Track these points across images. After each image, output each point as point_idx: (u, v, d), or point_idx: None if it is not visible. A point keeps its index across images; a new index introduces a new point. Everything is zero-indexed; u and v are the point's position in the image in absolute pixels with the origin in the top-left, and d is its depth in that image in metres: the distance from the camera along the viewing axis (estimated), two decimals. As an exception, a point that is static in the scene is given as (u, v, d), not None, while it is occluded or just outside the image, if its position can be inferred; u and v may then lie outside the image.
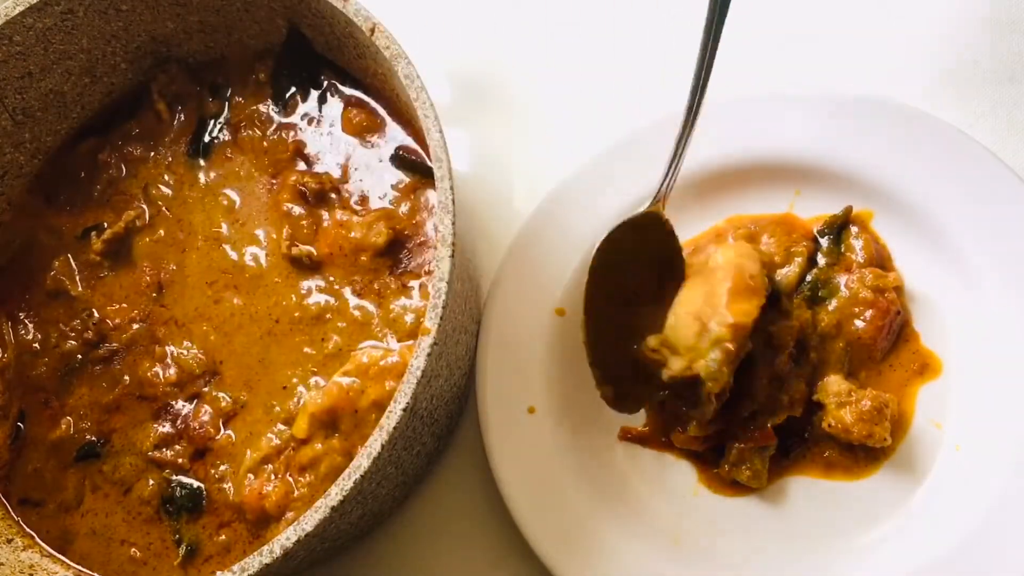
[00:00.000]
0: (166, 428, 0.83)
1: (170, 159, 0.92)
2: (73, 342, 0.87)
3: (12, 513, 0.84)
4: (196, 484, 0.82)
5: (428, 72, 0.79)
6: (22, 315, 0.90)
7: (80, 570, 0.82)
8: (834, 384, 0.81)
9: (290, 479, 0.78)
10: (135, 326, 0.87)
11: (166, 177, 0.91)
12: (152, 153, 0.92)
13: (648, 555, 0.80)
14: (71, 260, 0.90)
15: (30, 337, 0.89)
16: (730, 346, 0.77)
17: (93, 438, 0.85)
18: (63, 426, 0.85)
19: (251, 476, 0.80)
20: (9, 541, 0.82)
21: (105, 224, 0.90)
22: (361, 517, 0.77)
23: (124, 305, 0.88)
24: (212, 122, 0.92)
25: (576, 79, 1.02)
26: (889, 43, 0.97)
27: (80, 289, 0.89)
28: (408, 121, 0.87)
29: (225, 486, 0.81)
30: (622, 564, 0.80)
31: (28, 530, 0.83)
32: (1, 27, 0.84)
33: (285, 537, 0.67)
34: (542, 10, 1.05)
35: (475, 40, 1.06)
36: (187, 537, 0.81)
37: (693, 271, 0.83)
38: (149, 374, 0.85)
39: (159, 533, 0.82)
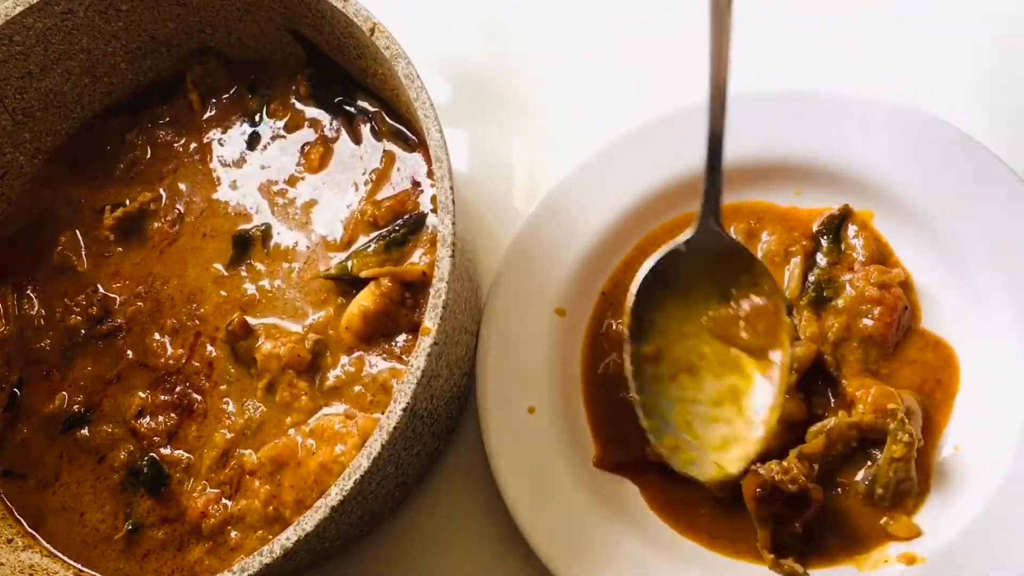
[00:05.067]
0: (163, 398, 0.84)
1: (193, 147, 0.92)
2: (78, 317, 0.88)
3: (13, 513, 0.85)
4: (166, 471, 0.82)
5: (428, 72, 0.79)
6: (29, 288, 0.91)
7: (81, 569, 0.82)
8: (870, 379, 0.81)
9: (231, 510, 0.79)
10: (139, 303, 0.88)
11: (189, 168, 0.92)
12: (178, 141, 0.93)
13: (648, 555, 0.80)
14: (78, 235, 0.91)
15: (35, 311, 0.90)
16: None
17: (82, 409, 0.86)
18: (58, 401, 0.86)
19: (206, 483, 0.81)
20: (9, 541, 0.82)
21: (127, 202, 0.91)
22: (361, 517, 0.77)
23: (129, 282, 0.89)
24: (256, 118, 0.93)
25: (576, 79, 1.02)
26: (889, 43, 0.97)
27: (87, 265, 0.90)
28: (408, 121, 0.87)
29: (186, 484, 0.82)
30: (622, 564, 0.80)
31: (7, 503, 0.84)
32: (1, 27, 0.84)
33: (285, 537, 0.67)
34: (542, 10, 1.05)
35: (475, 40, 1.06)
36: (135, 515, 0.82)
37: None
38: (155, 344, 0.86)
39: (113, 508, 0.83)
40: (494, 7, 1.07)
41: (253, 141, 0.91)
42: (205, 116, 0.93)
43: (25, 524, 0.84)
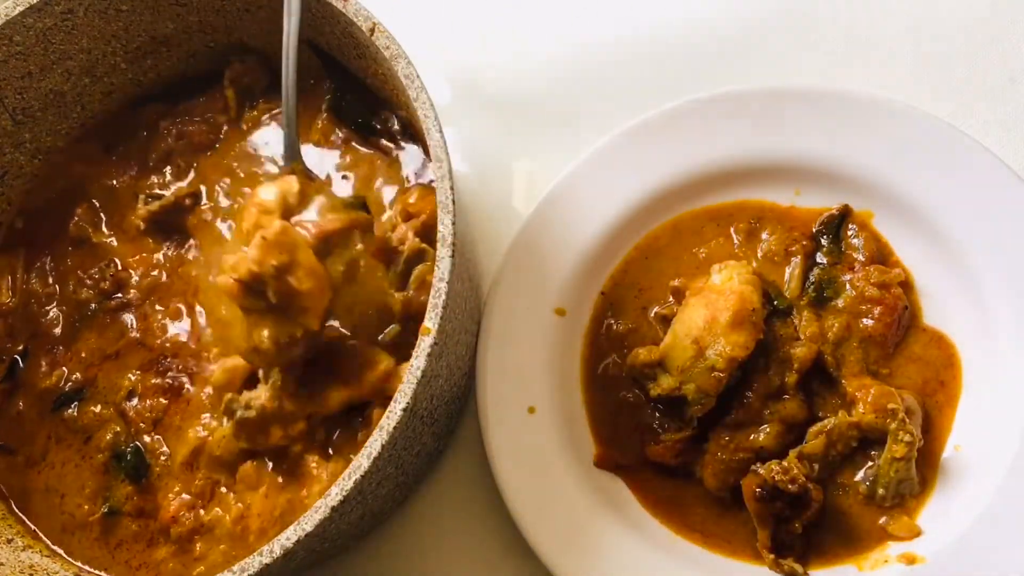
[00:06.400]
0: (154, 380, 0.85)
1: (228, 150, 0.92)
2: (90, 291, 0.88)
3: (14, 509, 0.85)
4: (147, 460, 0.83)
5: (428, 72, 0.79)
6: (46, 259, 0.91)
7: (80, 567, 0.82)
8: (870, 379, 0.81)
9: (202, 519, 0.80)
10: (154, 272, 0.88)
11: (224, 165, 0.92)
12: (210, 131, 0.92)
13: (648, 554, 0.80)
14: (98, 209, 0.91)
15: (48, 283, 0.90)
16: (723, 376, 0.78)
17: (77, 387, 0.86)
18: (55, 377, 0.87)
19: (179, 487, 0.81)
20: (9, 541, 0.82)
21: (168, 192, 0.90)
22: (361, 517, 0.77)
23: (145, 254, 0.89)
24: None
25: (575, 79, 1.02)
26: (890, 43, 0.97)
27: (104, 238, 0.90)
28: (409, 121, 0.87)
29: (165, 479, 0.82)
30: (622, 564, 0.80)
31: (4, 491, 0.85)
32: (1, 27, 0.84)
33: (285, 537, 0.67)
34: (542, 10, 1.05)
35: (475, 40, 1.06)
36: (113, 498, 0.83)
37: (694, 291, 0.84)
38: (155, 325, 0.86)
39: (93, 490, 0.83)
40: (494, 7, 1.07)
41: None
42: (241, 115, 0.93)
43: (12, 503, 0.85)
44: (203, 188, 0.91)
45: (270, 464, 0.79)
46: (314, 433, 0.78)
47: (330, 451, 0.79)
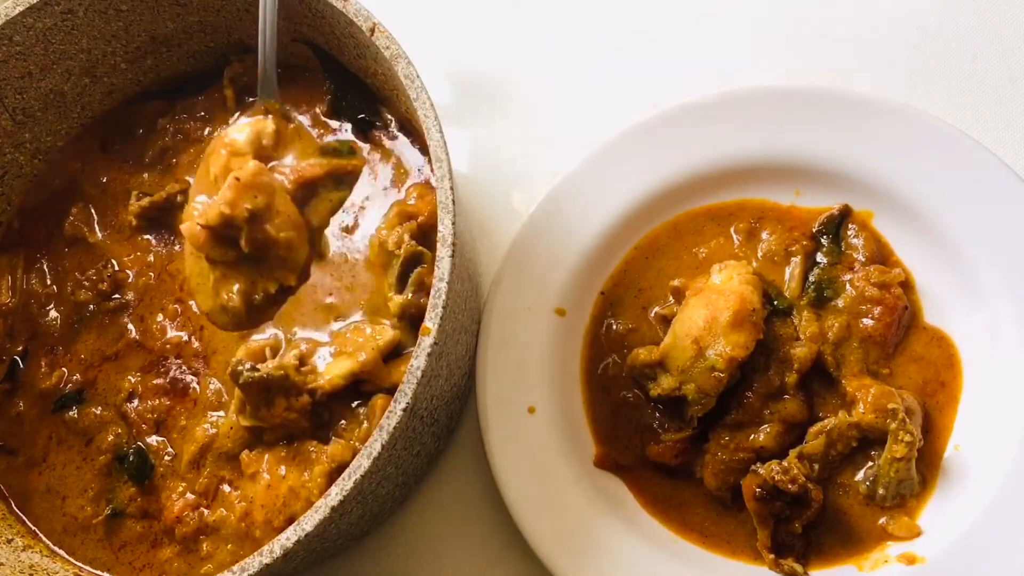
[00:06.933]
0: (156, 381, 0.84)
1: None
2: (88, 292, 0.88)
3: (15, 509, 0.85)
4: (151, 461, 0.82)
5: (428, 72, 0.79)
6: (42, 260, 0.91)
7: (81, 567, 0.82)
8: (870, 379, 0.81)
9: (207, 519, 0.79)
10: (151, 273, 0.88)
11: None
12: (208, 130, 0.92)
13: (647, 554, 0.80)
14: (92, 210, 0.91)
15: (46, 283, 0.90)
16: (723, 376, 0.78)
17: (76, 388, 0.86)
18: (55, 378, 0.86)
19: (183, 487, 0.81)
20: (9, 541, 0.82)
21: (163, 193, 0.90)
22: (361, 517, 0.77)
23: (139, 253, 0.89)
24: None
25: (576, 79, 1.02)
26: (890, 44, 0.97)
27: (99, 238, 0.90)
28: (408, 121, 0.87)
29: (169, 479, 0.82)
30: (622, 564, 0.80)
31: (4, 492, 0.85)
32: (1, 27, 0.84)
33: (285, 537, 0.67)
34: (542, 10, 1.06)
35: (475, 40, 1.06)
36: (116, 500, 0.82)
37: (694, 291, 0.84)
38: (154, 327, 0.86)
39: (96, 492, 0.83)
40: (494, 7, 1.07)
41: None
42: (237, 113, 0.92)
43: (12, 503, 0.85)
44: (192, 182, 0.91)
45: (267, 455, 0.79)
46: (319, 413, 0.77)
47: (332, 436, 0.78)
